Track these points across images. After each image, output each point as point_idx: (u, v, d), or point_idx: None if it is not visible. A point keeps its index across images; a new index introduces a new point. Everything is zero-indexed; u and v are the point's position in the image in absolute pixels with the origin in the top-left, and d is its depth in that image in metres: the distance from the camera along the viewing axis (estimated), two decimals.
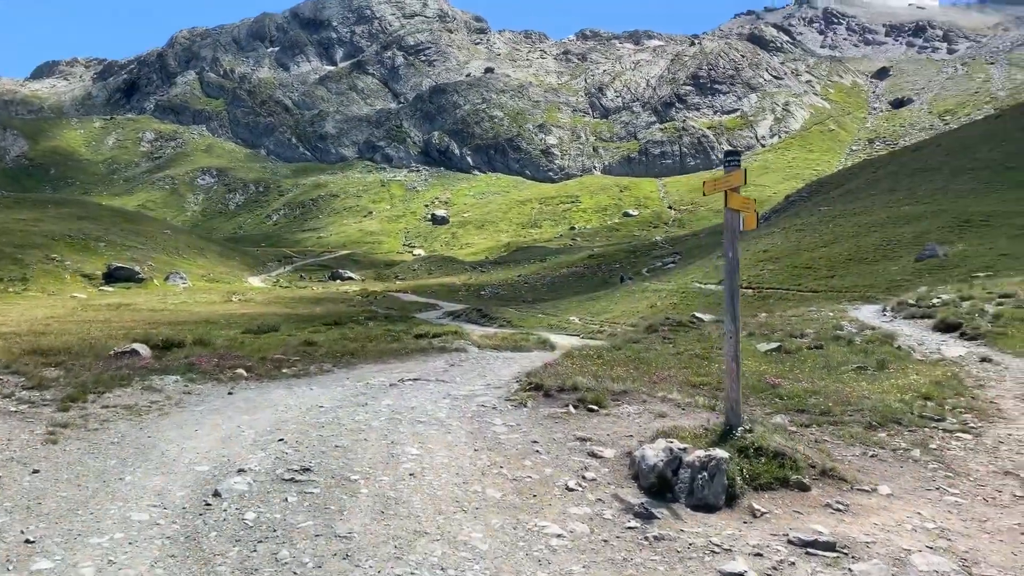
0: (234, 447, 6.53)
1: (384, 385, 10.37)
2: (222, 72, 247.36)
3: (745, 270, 51.31)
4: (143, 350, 14.46)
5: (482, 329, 56.42)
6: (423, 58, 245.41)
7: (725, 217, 6.08)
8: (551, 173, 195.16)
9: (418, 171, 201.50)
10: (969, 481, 6.21)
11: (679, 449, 5.52)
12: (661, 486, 5.38)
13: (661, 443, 5.68)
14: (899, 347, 13.74)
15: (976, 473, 6.44)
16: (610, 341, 15.38)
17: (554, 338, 48.28)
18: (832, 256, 47.29)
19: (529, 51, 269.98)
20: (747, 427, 6.15)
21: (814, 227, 59.36)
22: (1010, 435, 7.74)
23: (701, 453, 5.34)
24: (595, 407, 7.78)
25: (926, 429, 7.90)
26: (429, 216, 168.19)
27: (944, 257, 40.36)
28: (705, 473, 5.20)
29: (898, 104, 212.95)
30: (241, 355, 15.12)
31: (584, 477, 5.70)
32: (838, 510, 5.27)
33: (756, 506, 5.22)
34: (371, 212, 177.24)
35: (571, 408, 7.78)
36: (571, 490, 5.45)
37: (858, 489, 5.76)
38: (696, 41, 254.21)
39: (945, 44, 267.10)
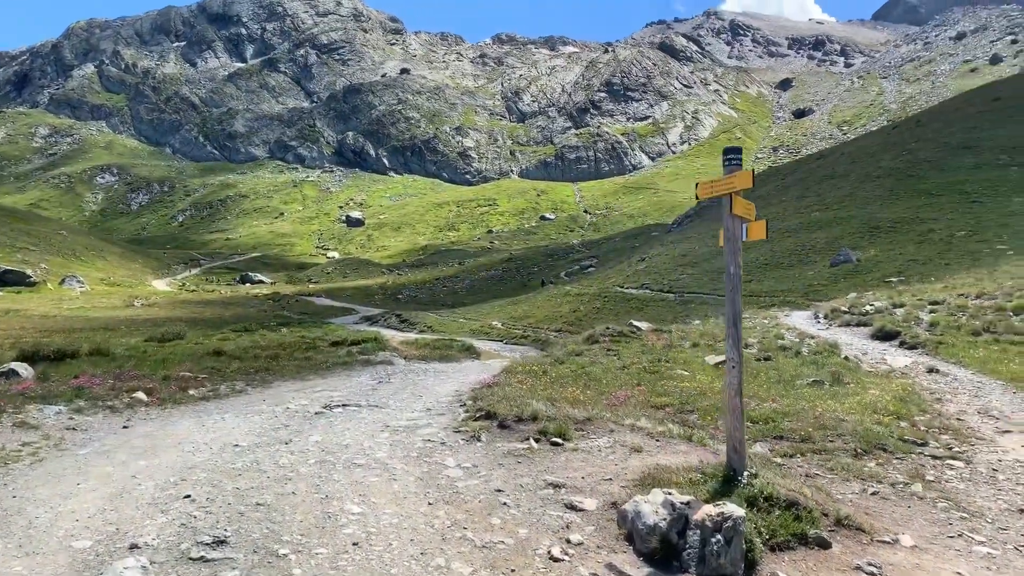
0: (127, 509, 5.18)
1: (308, 413, 9.06)
2: (124, 66, 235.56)
3: (665, 275, 51.60)
4: (23, 370, 12.62)
5: (402, 335, 54.73)
6: (337, 57, 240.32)
7: (725, 225, 5.22)
8: (468, 176, 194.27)
9: (332, 172, 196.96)
10: (987, 523, 5.54)
11: (682, 504, 4.58)
12: (665, 552, 4.43)
13: (658, 495, 4.74)
14: (846, 358, 13.36)
15: (989, 512, 5.79)
16: (552, 353, 14.46)
17: (478, 343, 47.20)
18: (749, 261, 47.99)
19: (445, 53, 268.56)
20: (752, 471, 5.28)
21: None
22: (1000, 460, 7.20)
23: (711, 510, 4.42)
24: (559, 440, 6.79)
25: (913, 455, 7.29)
26: (344, 218, 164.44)
27: (857, 262, 41.45)
28: (719, 536, 4.28)
29: (800, 114, 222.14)
30: (141, 374, 13.47)
31: (568, 540, 4.69)
32: (872, 575, 4.44)
33: (780, 574, 4.34)
34: (283, 213, 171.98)
35: (532, 442, 6.77)
36: (555, 560, 4.42)
37: (879, 541, 4.98)
38: (610, 49, 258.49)
39: (842, 58, 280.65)
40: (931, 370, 12.70)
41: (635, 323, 17.10)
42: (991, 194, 51.05)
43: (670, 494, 4.73)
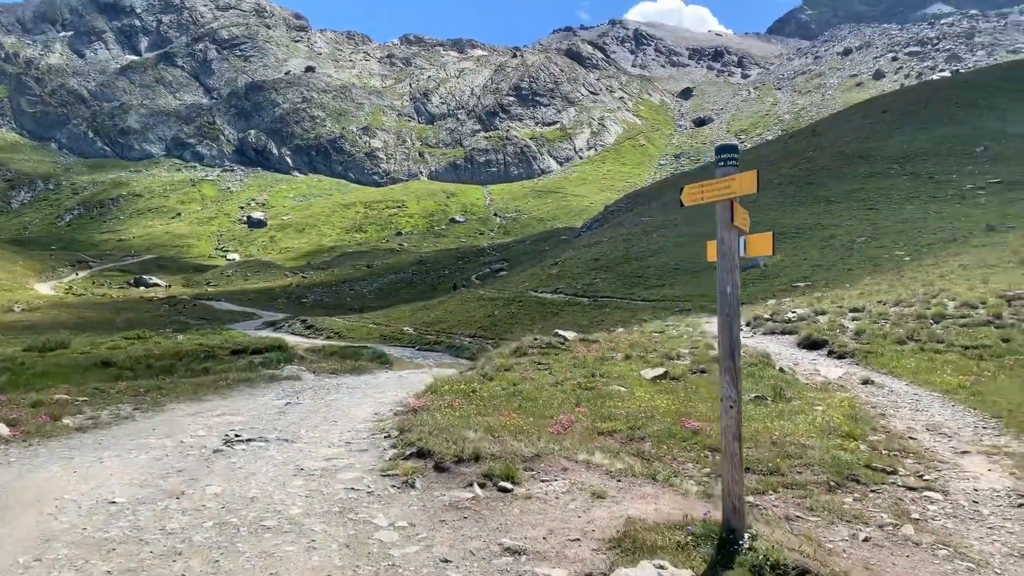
0: None
1: (206, 449, 7.72)
2: (3, 55, 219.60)
3: (578, 278, 51.50)
4: None
5: (308, 341, 52.45)
6: (238, 53, 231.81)
7: (720, 237, 4.41)
8: (376, 177, 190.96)
9: (233, 171, 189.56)
10: (996, 573, 4.93)
11: None
12: None
13: (647, 570, 3.84)
14: (781, 369, 12.97)
15: (991, 558, 5.20)
16: (480, 367, 13.47)
17: (389, 350, 45.68)
18: (660, 265, 48.46)
19: (352, 52, 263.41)
20: (751, 531, 4.46)
21: (639, 237, 61.00)
22: (976, 490, 6.71)
23: None
24: (508, 484, 5.83)
25: (886, 486, 6.72)
26: (245, 218, 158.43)
27: (765, 267, 42.32)
28: None
29: (700, 123, 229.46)
30: (5, 398, 11.69)
31: None
32: None
33: None
34: (180, 213, 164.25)
35: (477, 488, 5.77)
36: None
37: None
38: (518, 53, 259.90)
39: (740, 69, 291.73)
40: (866, 381, 12.44)
41: (561, 332, 16.33)
42: (886, 201, 53.34)
43: (662, 568, 3.85)
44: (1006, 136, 67.66)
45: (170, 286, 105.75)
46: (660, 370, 12.10)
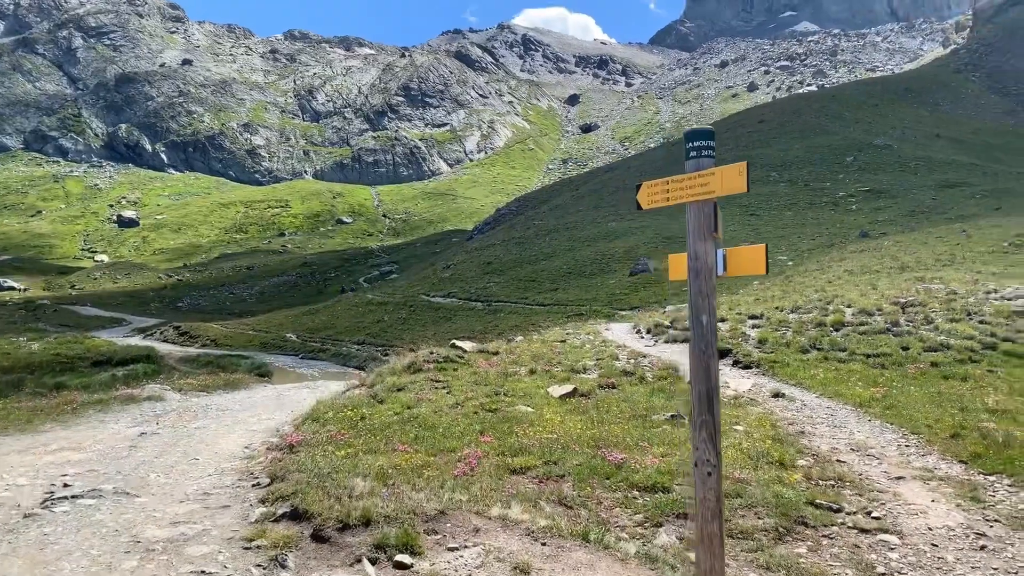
0: None
1: (17, 511, 6.06)
2: None
3: (471, 282, 50.46)
4: None
5: (182, 350, 49.00)
6: (108, 42, 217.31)
7: (691, 251, 3.40)
8: (258, 175, 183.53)
9: (101, 167, 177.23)
10: None
11: None
12: None
13: None
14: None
15: None
16: (370, 386, 12.11)
17: (270, 359, 43.25)
18: (553, 269, 48.13)
19: (232, 46, 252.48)
20: None
21: (532, 240, 60.66)
22: (931, 529, 6.05)
23: None
24: (407, 557, 4.61)
25: (836, 528, 5.96)
26: (115, 217, 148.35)
27: (655, 272, 42.63)
28: None
29: (587, 129, 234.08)
30: None
31: None
32: None
33: None
34: (40, 211, 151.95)
35: (367, 566, 4.52)
36: None
37: None
38: (407, 53, 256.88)
39: (624, 78, 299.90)
40: (776, 394, 11.95)
41: (459, 344, 15.18)
42: (766, 207, 55.20)
43: None
44: (871, 147, 71.81)
45: (28, 289, 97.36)
46: (568, 387, 11.15)
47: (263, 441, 9.26)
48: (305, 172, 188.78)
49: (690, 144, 3.52)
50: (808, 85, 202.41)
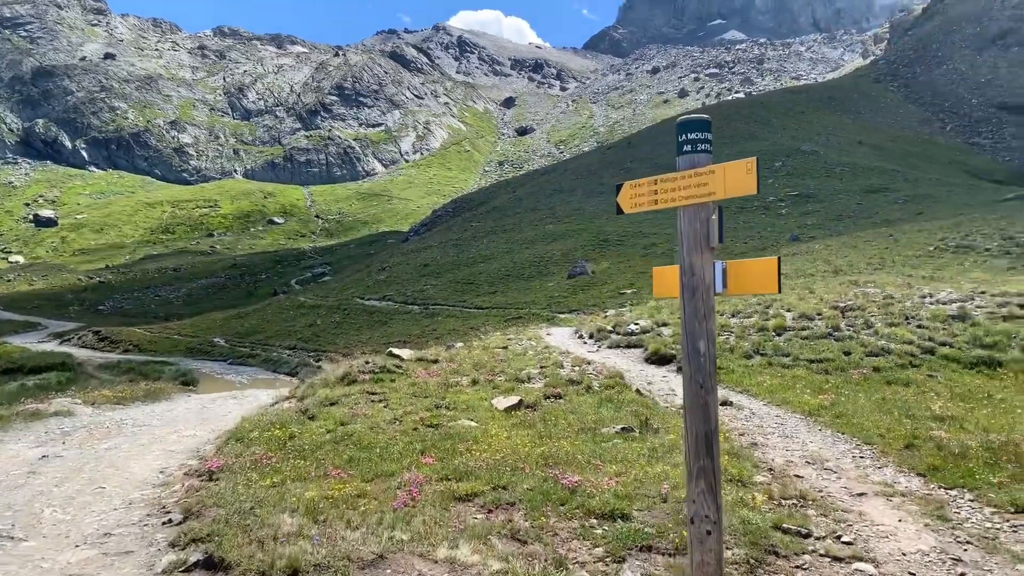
0: None
1: None
2: None
3: (407, 285, 49.49)
4: None
5: (102, 356, 46.66)
6: (24, 34, 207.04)
7: (686, 265, 2.87)
8: (186, 174, 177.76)
9: (16, 163, 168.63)
10: None
11: None
12: None
13: None
14: (639, 391, 11.93)
15: None
16: (299, 400, 11.32)
17: (197, 365, 41.40)
18: (491, 272, 47.62)
19: (159, 41, 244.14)
20: None
21: (469, 242, 60.04)
22: (904, 554, 5.72)
23: None
24: None
25: (808, 556, 5.57)
26: (31, 217, 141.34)
27: (592, 274, 42.57)
28: None
29: (523, 131, 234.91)
30: None
31: None
32: None
33: None
34: None
35: None
36: None
37: None
38: (341, 52, 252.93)
39: (559, 82, 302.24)
40: (724, 402, 11.64)
41: (396, 352, 14.48)
42: None
43: None
44: (799, 152, 73.71)
45: None
46: (513, 398, 10.61)
47: (181, 464, 8.43)
48: (235, 171, 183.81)
49: (683, 136, 2.99)
50: (736, 92, 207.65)
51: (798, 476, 7.99)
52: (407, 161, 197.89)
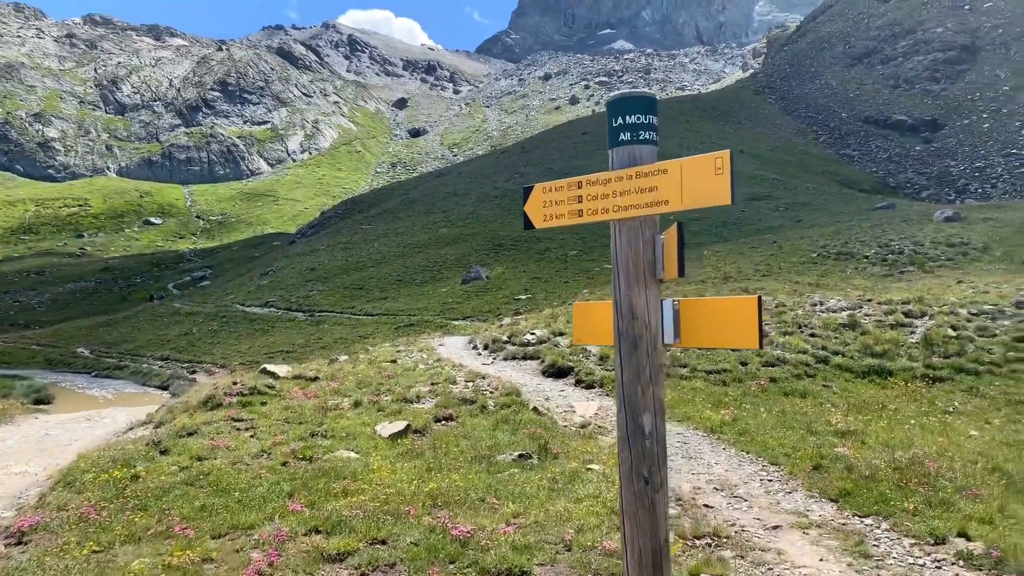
0: None
1: None
2: None
3: (292, 291, 47.22)
4: None
5: None
6: None
7: (623, 304, 2.00)
8: (52, 171, 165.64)
9: None
10: None
11: None
12: None
13: None
14: (536, 409, 11.17)
15: None
16: (155, 427, 9.91)
17: (54, 378, 37.89)
18: (382, 277, 46.13)
19: (21, 27, 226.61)
20: None
21: (359, 246, 58.20)
22: None
23: None
24: None
25: None
26: None
27: (487, 279, 41.88)
28: None
29: (415, 133, 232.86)
30: None
31: None
32: None
33: None
34: None
35: None
36: None
37: None
38: (224, 47, 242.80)
39: (452, 85, 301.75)
40: None
41: (271, 369, 13.16)
42: None
43: None
44: None
45: None
46: (400, 423, 9.61)
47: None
48: (108, 168, 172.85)
49: (618, 120, 2.11)
50: None
51: (708, 506, 7.41)
52: (295, 161, 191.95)
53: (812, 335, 14.88)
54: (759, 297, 1.96)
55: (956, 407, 12.28)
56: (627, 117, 2.10)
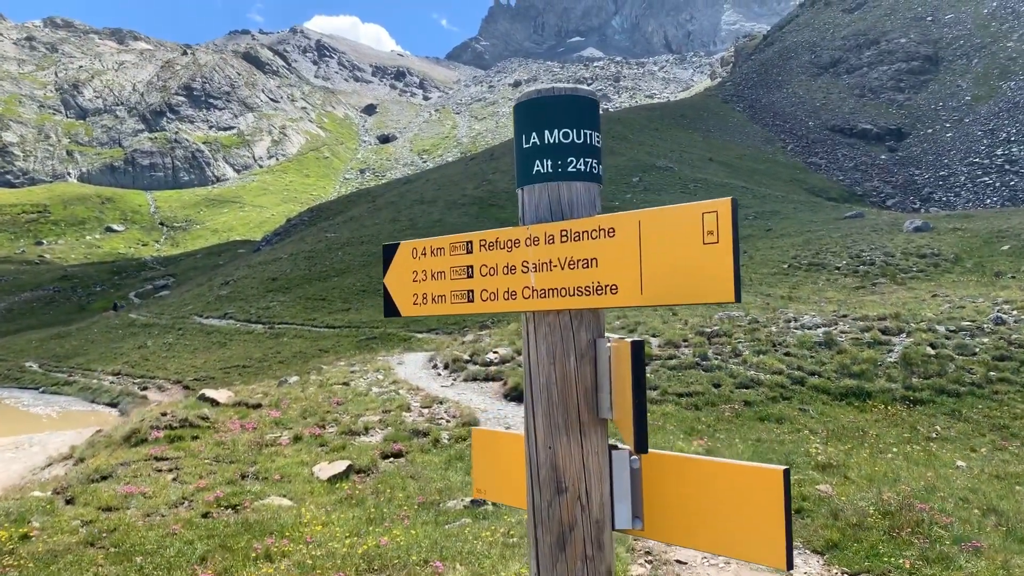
0: None
1: None
2: None
3: (252, 301, 45.83)
4: None
5: None
6: None
7: (532, 460, 1.19)
8: (10, 176, 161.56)
9: None
10: None
11: None
12: None
13: None
14: None
15: None
16: (75, 463, 8.88)
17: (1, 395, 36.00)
18: (345, 287, 44.95)
19: None
20: None
21: (323, 255, 56.88)
22: None
23: None
24: None
25: None
26: None
27: None
28: None
29: (385, 139, 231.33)
30: None
31: None
32: None
33: None
34: None
35: None
36: None
37: None
38: (189, 51, 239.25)
39: (421, 91, 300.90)
40: None
41: (210, 394, 12.13)
42: None
43: None
44: (655, 168, 75.57)
45: None
46: (340, 464, 8.67)
47: None
48: (69, 174, 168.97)
49: (532, 138, 1.15)
50: None
51: (680, 562, 6.60)
52: (261, 167, 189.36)
53: (787, 354, 14.22)
54: (786, 470, 1.11)
55: (939, 432, 11.68)
56: (548, 133, 1.21)
